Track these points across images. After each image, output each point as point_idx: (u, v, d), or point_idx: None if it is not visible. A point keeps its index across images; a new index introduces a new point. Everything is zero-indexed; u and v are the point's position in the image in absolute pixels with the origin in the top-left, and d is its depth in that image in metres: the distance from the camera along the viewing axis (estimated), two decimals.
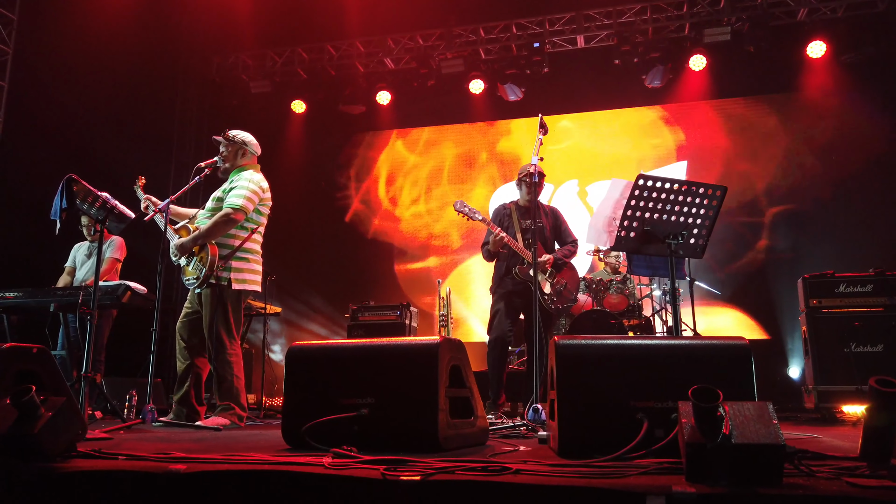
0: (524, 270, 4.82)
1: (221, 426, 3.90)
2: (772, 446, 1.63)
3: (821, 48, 7.66)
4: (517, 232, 5.00)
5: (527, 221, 5.04)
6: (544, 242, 5.05)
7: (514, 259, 4.93)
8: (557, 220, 5.22)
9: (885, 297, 5.45)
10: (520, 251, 4.87)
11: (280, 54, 9.21)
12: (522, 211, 5.12)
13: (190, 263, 4.06)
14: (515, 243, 4.83)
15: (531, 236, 4.86)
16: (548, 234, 5.13)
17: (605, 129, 8.92)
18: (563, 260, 5.02)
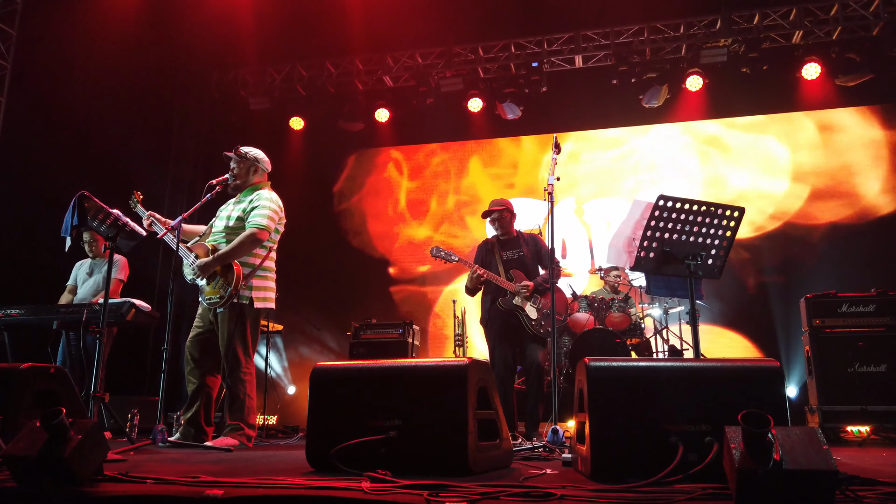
0: (507, 301, 4.96)
1: (232, 447, 3.84)
2: (825, 472, 1.63)
3: (815, 70, 7.77)
4: (499, 265, 5.12)
5: (508, 253, 5.20)
6: (527, 270, 5.15)
7: (500, 292, 5.04)
8: (538, 247, 5.33)
9: (888, 317, 5.50)
10: (501, 283, 5.00)
11: (279, 71, 9.22)
12: (503, 243, 5.25)
13: (213, 283, 4.02)
14: (496, 276, 4.96)
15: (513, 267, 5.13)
16: (529, 261, 5.23)
17: (603, 148, 8.98)
18: (543, 285, 5.09)
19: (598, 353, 5.77)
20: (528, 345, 5.04)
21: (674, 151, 8.72)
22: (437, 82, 8.70)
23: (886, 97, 7.99)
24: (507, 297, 4.98)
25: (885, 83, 7.77)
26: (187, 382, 4.16)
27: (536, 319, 4.99)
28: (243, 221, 4.16)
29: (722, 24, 8.01)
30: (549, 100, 8.71)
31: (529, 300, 5.00)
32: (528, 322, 4.97)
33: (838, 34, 7.78)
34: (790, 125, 8.40)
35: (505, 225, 5.24)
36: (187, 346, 4.18)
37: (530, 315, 4.98)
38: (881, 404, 5.27)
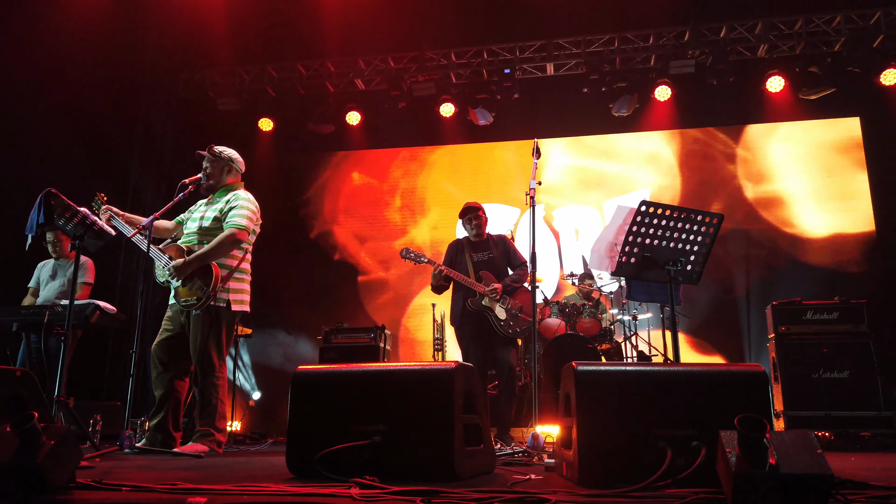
0: (476, 302, 5.02)
1: (202, 453, 3.74)
2: (820, 476, 1.64)
3: (779, 83, 7.96)
4: (469, 265, 5.18)
5: (478, 255, 5.27)
6: (496, 272, 5.21)
7: (470, 292, 5.09)
8: (507, 248, 5.40)
9: (851, 324, 5.66)
10: (471, 285, 5.06)
11: (249, 72, 9.08)
12: (473, 245, 5.34)
13: (189, 285, 3.91)
14: (465, 277, 5.02)
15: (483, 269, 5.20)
16: (498, 262, 5.31)
17: (573, 155, 9.06)
18: (512, 286, 5.17)
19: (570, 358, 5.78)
20: (500, 347, 5.11)
21: (643, 160, 8.84)
22: (410, 86, 8.67)
23: (847, 110, 8.24)
24: (476, 298, 5.04)
25: (845, 97, 8.01)
26: (154, 387, 4.03)
27: (505, 320, 5.04)
28: (220, 222, 4.06)
29: (690, 35, 8.15)
30: (520, 106, 8.76)
31: (498, 301, 5.05)
32: (498, 323, 5.03)
33: (801, 49, 7.99)
34: (755, 136, 8.59)
35: (479, 227, 5.31)
36: (154, 349, 4.05)
37: (499, 316, 5.04)
38: (844, 409, 5.42)
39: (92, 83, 7.69)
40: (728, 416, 2.08)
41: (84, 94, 7.58)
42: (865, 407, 5.38)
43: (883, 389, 5.43)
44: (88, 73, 7.57)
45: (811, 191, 8.25)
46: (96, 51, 7.48)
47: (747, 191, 8.44)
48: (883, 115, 7.98)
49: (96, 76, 7.77)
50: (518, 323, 5.06)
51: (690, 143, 8.76)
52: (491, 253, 5.30)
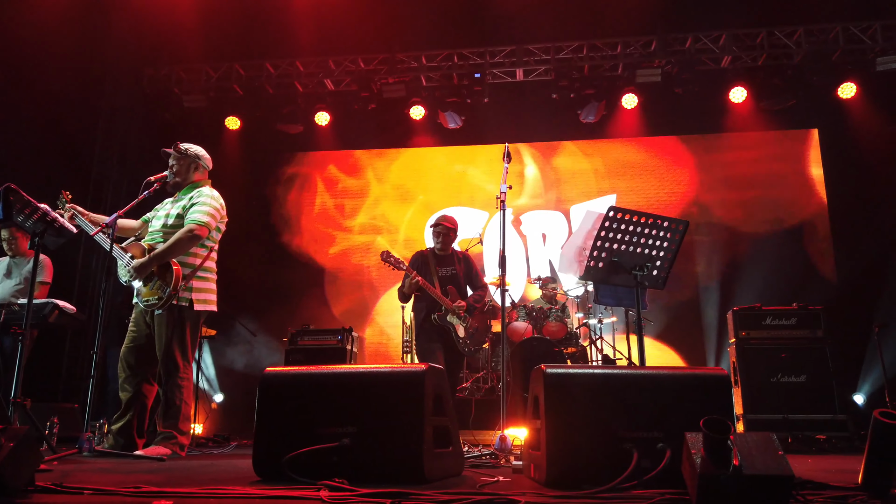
0: (441, 316, 5.10)
1: (164, 456, 3.66)
2: (782, 477, 1.69)
3: (742, 94, 8.16)
4: (434, 278, 5.23)
5: (443, 269, 5.33)
6: (460, 288, 5.34)
7: (434, 305, 5.14)
8: (470, 267, 5.49)
9: (808, 329, 5.82)
10: (437, 297, 5.12)
11: (216, 69, 8.95)
12: (439, 258, 5.40)
13: (150, 284, 3.83)
14: (433, 289, 5.06)
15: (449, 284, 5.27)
16: (462, 280, 5.39)
17: (541, 161, 9.14)
18: (474, 306, 5.30)
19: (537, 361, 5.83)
20: (452, 363, 5.21)
21: (610, 166, 8.96)
22: (380, 88, 8.65)
23: (806, 122, 8.48)
24: (442, 312, 5.13)
25: (805, 109, 8.24)
26: (121, 390, 3.94)
27: (464, 338, 5.18)
28: (183, 219, 3.99)
29: (657, 45, 8.30)
30: (490, 111, 8.80)
31: (461, 319, 5.16)
32: (457, 340, 5.15)
33: (764, 60, 8.20)
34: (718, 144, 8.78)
35: (447, 242, 5.38)
36: (123, 352, 3.96)
37: (460, 333, 5.17)
38: (801, 413, 5.56)
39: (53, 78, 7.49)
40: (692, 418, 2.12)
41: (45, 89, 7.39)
42: (821, 410, 5.53)
43: (838, 393, 5.60)
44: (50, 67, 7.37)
45: (771, 199, 8.46)
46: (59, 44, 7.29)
47: (710, 197, 8.62)
48: (840, 127, 8.23)
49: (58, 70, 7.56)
50: (473, 342, 5.23)
51: (656, 150, 8.91)
52: (455, 269, 5.38)
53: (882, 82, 7.89)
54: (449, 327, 5.12)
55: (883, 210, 7.79)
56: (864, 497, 1.73)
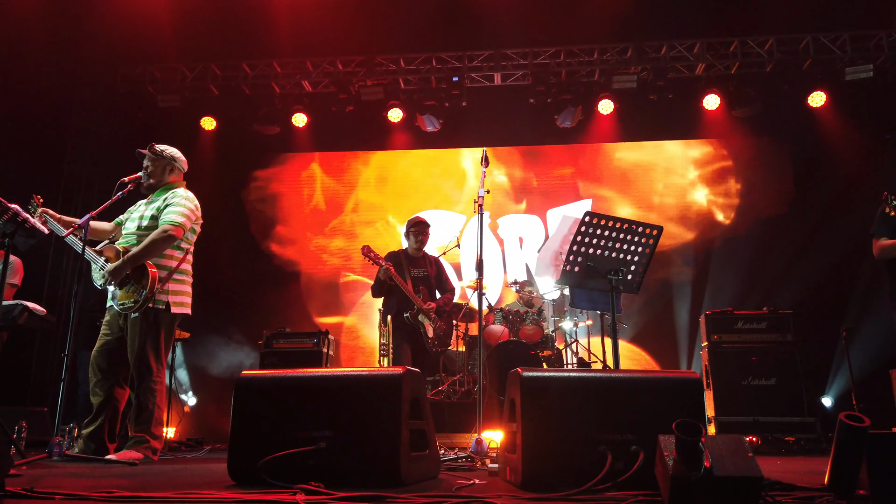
0: (414, 315, 5.23)
1: (136, 460, 3.62)
2: (752, 479, 1.72)
3: (715, 101, 8.30)
4: (407, 278, 5.38)
5: (415, 271, 5.49)
6: (431, 290, 5.44)
7: (405, 303, 5.22)
8: (440, 270, 5.67)
9: (778, 333, 5.94)
10: (410, 295, 5.26)
11: (192, 69, 8.86)
12: (411, 260, 5.57)
13: (126, 287, 3.78)
14: (409, 289, 5.15)
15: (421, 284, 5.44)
16: (432, 282, 5.57)
17: (519, 165, 9.20)
18: (443, 308, 5.50)
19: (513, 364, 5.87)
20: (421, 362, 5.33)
21: (587, 171, 9.04)
22: (358, 90, 8.64)
23: (777, 129, 8.65)
24: (414, 311, 5.24)
25: (776, 116, 8.41)
26: (92, 394, 3.88)
27: (432, 339, 5.33)
28: (157, 221, 3.95)
29: (633, 52, 8.40)
30: (468, 115, 8.84)
31: (430, 320, 5.29)
32: (426, 339, 5.27)
33: (736, 69, 8.34)
34: (691, 150, 8.92)
35: (424, 242, 5.54)
36: (94, 355, 3.90)
37: (428, 333, 5.30)
38: (771, 415, 5.67)
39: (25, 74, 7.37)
40: (665, 420, 2.16)
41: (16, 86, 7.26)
42: (790, 413, 5.65)
43: (806, 396, 5.71)
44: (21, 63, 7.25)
45: (742, 204, 8.61)
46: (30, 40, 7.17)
47: (683, 203, 8.75)
48: (810, 135, 8.40)
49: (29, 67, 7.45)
50: (440, 343, 5.35)
51: (632, 155, 9.02)
52: (426, 271, 5.54)
53: (850, 91, 8.08)
54: (419, 327, 5.22)
55: (850, 216, 7.96)
56: (831, 498, 1.78)
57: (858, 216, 7.85)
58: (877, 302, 7.10)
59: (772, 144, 8.76)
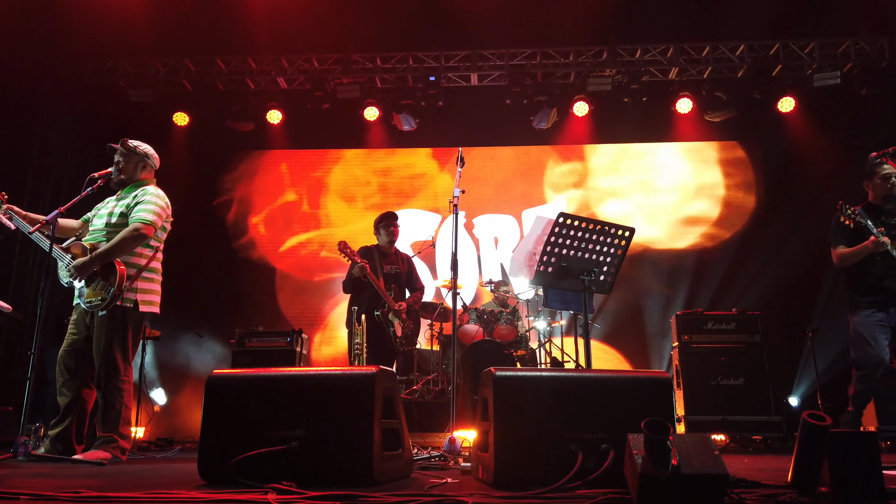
0: (384, 313, 5.21)
1: (104, 460, 3.57)
2: (717, 476, 1.76)
3: (688, 105, 8.41)
4: (380, 275, 5.31)
5: (388, 267, 5.50)
6: (401, 288, 5.43)
7: (376, 301, 5.15)
8: (411, 267, 5.67)
9: (746, 334, 6.04)
10: (382, 293, 5.26)
11: (164, 63, 8.74)
12: (384, 255, 5.53)
13: (93, 284, 3.71)
14: (381, 287, 5.12)
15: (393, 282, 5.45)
16: (403, 279, 5.58)
17: (495, 165, 9.23)
18: (413, 307, 5.51)
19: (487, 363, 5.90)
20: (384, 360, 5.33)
21: (561, 172, 9.11)
22: (334, 88, 8.59)
23: (748, 133, 8.81)
24: (386, 310, 5.17)
25: (747, 121, 8.56)
26: (59, 395, 3.81)
27: (400, 338, 5.34)
28: (127, 218, 3.89)
29: (608, 55, 8.49)
30: (444, 115, 8.85)
31: (400, 319, 5.31)
32: (394, 338, 5.26)
33: (708, 73, 8.47)
34: (665, 153, 9.03)
35: (394, 235, 5.49)
36: (61, 355, 3.83)
37: (397, 332, 5.31)
38: (739, 414, 5.76)
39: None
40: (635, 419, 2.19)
41: None
42: (758, 412, 5.75)
43: (773, 396, 5.82)
44: None
45: (714, 206, 8.75)
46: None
47: (656, 204, 8.86)
48: (779, 140, 8.58)
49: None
50: (408, 342, 5.35)
51: (606, 157, 9.11)
52: (398, 268, 5.55)
53: (818, 97, 8.24)
54: (389, 326, 5.23)
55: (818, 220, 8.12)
56: (793, 494, 1.82)
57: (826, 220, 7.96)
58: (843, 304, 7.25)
59: (743, 148, 8.92)
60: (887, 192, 4.36)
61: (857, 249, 4.24)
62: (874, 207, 4.43)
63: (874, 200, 4.47)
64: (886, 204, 4.38)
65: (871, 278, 4.26)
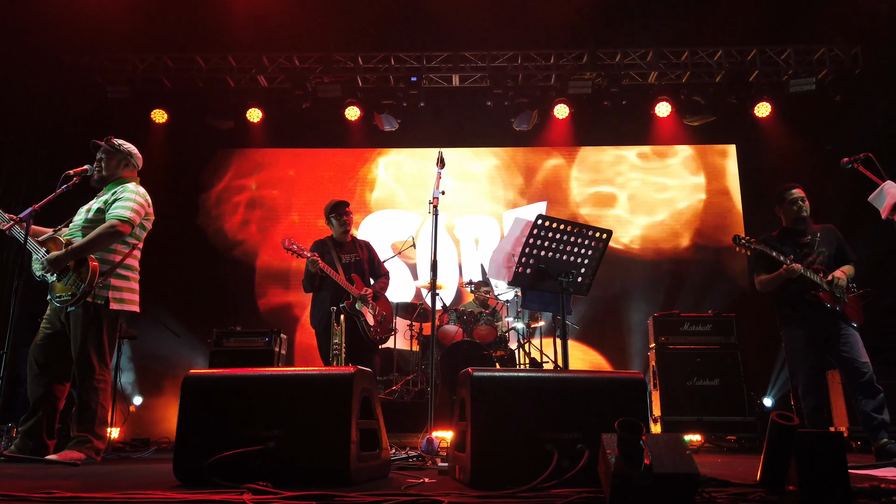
0: (351, 305, 5.09)
1: (78, 461, 3.53)
2: (689, 475, 1.79)
3: (667, 109, 8.51)
4: (338, 267, 5.18)
5: (346, 257, 5.36)
6: (364, 275, 5.33)
7: (338, 295, 5.09)
8: (371, 253, 5.55)
9: (721, 335, 6.13)
10: (343, 284, 5.14)
11: (143, 60, 8.65)
12: (339, 245, 5.42)
13: (64, 279, 3.67)
14: (340, 277, 5.06)
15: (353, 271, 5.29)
16: (365, 266, 5.44)
17: (476, 166, 9.26)
18: (380, 292, 5.37)
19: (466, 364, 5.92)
20: (364, 353, 5.21)
21: (542, 174, 9.16)
22: (315, 87, 8.57)
23: (725, 138, 8.94)
24: (350, 301, 5.09)
25: (724, 125, 8.68)
26: (29, 391, 3.76)
27: (374, 326, 5.19)
28: (104, 213, 3.85)
29: (588, 58, 8.55)
30: (426, 115, 8.87)
31: (368, 305, 5.15)
32: (367, 327, 5.13)
33: (687, 78, 8.58)
34: (644, 156, 9.12)
35: (348, 224, 5.40)
36: (32, 350, 3.79)
37: (369, 321, 5.16)
38: (714, 415, 5.85)
39: None
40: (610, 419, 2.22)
41: None
42: (733, 412, 5.84)
43: (748, 396, 5.92)
44: None
45: (691, 210, 8.86)
46: None
47: (634, 206, 8.95)
48: (755, 144, 8.72)
49: None
50: (382, 329, 5.23)
51: (586, 159, 9.18)
52: (358, 255, 5.39)
53: (794, 103, 8.39)
54: (356, 316, 5.08)
55: None
56: (762, 493, 1.86)
57: None
58: None
59: (720, 152, 9.04)
60: (796, 214, 4.61)
61: (773, 277, 4.45)
62: (788, 231, 4.69)
63: (787, 224, 4.72)
64: (798, 226, 4.63)
65: (793, 293, 4.45)
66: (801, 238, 4.61)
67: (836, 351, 4.30)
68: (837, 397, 5.75)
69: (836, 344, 4.29)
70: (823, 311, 4.33)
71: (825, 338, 4.35)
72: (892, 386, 5.39)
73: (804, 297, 4.39)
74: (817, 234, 4.60)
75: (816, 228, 4.66)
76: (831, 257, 4.53)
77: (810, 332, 4.40)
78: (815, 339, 4.38)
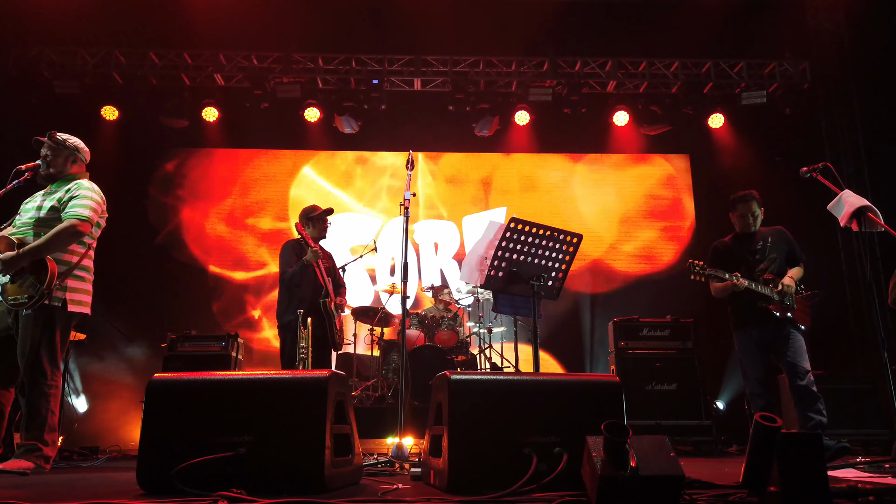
0: (327, 304, 5.07)
1: (27, 470, 3.35)
2: (674, 477, 1.79)
3: (624, 118, 8.66)
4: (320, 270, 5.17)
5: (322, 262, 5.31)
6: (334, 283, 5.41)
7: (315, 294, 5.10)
8: (334, 264, 5.55)
9: (679, 340, 6.25)
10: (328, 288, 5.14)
11: (93, 54, 8.34)
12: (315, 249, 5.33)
13: (19, 281, 3.48)
14: (327, 280, 5.05)
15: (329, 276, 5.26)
16: (337, 274, 5.51)
17: (436, 171, 9.24)
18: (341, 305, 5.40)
19: (427, 369, 5.89)
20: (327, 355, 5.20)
21: (503, 179, 9.20)
22: (274, 87, 8.42)
23: (680, 147, 9.15)
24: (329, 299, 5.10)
25: (679, 135, 8.88)
26: None
27: (338, 331, 5.20)
28: (58, 212, 3.68)
29: (549, 66, 8.65)
30: (387, 118, 8.81)
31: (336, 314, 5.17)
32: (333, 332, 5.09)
33: (644, 88, 8.75)
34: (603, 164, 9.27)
35: (325, 231, 5.41)
36: None
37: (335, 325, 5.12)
38: (672, 419, 5.94)
39: None
40: (587, 422, 2.22)
41: None
42: (690, 416, 5.95)
43: (704, 401, 6.04)
44: None
45: (647, 216, 9.03)
46: None
47: (593, 212, 9.07)
48: (709, 154, 8.96)
49: None
50: (341, 336, 5.24)
51: (547, 166, 9.26)
52: (330, 264, 5.41)
53: (746, 115, 8.65)
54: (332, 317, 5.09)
55: None
56: (745, 494, 1.88)
57: None
58: None
59: (675, 161, 9.25)
60: (744, 228, 4.78)
61: (723, 287, 4.59)
62: (740, 237, 4.85)
63: (739, 231, 4.86)
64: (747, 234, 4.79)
65: (744, 301, 4.58)
66: (753, 244, 4.72)
67: (782, 355, 4.45)
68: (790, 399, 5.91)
69: (783, 348, 4.44)
70: (773, 318, 4.48)
71: (773, 341, 4.51)
72: None
73: (756, 305, 4.52)
74: (768, 238, 4.73)
75: (767, 232, 4.78)
76: (782, 262, 4.67)
77: (760, 336, 4.54)
78: (764, 343, 4.53)
